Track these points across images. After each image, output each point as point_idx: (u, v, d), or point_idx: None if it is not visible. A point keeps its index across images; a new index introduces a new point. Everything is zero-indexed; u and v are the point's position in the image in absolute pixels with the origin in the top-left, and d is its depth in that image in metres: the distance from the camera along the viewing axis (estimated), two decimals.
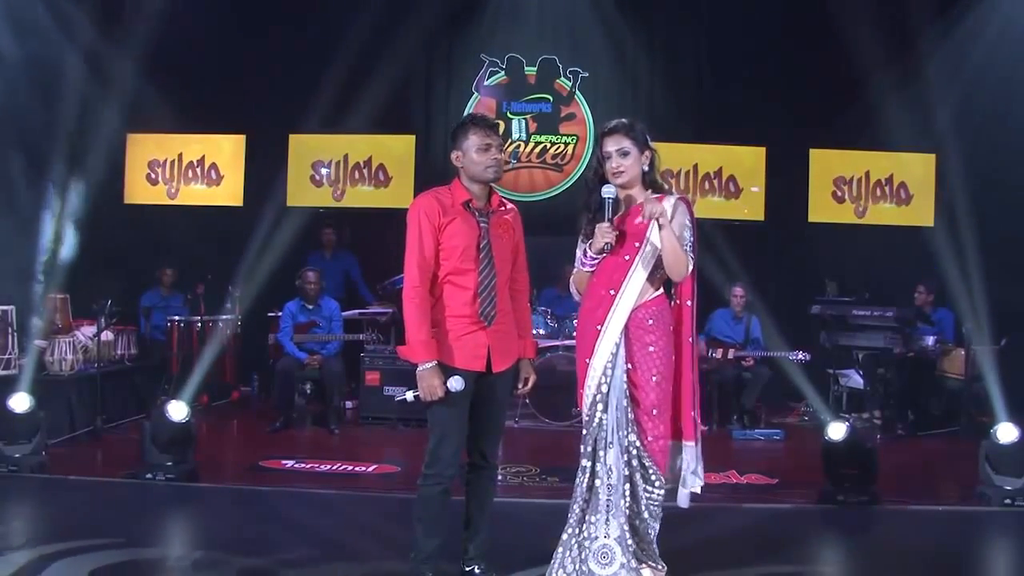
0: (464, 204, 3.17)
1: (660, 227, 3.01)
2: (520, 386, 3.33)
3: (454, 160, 3.23)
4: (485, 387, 3.20)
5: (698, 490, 3.16)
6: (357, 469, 5.51)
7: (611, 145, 3.11)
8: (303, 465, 5.56)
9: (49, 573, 3.34)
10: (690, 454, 3.12)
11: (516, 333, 3.28)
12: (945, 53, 7.83)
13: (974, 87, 7.89)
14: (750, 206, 8.70)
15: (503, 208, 3.29)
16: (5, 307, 6.17)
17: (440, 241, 3.14)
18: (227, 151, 8.82)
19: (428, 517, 3.18)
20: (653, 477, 3.05)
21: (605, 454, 3.03)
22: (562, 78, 8.83)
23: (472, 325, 3.14)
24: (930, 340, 7.22)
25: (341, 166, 8.75)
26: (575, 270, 3.25)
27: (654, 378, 3.05)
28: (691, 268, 3.08)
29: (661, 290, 3.13)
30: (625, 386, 3.05)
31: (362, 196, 8.63)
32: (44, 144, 7.29)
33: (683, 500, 3.15)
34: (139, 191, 8.81)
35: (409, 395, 3.14)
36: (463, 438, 3.19)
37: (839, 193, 8.70)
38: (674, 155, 8.30)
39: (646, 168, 3.12)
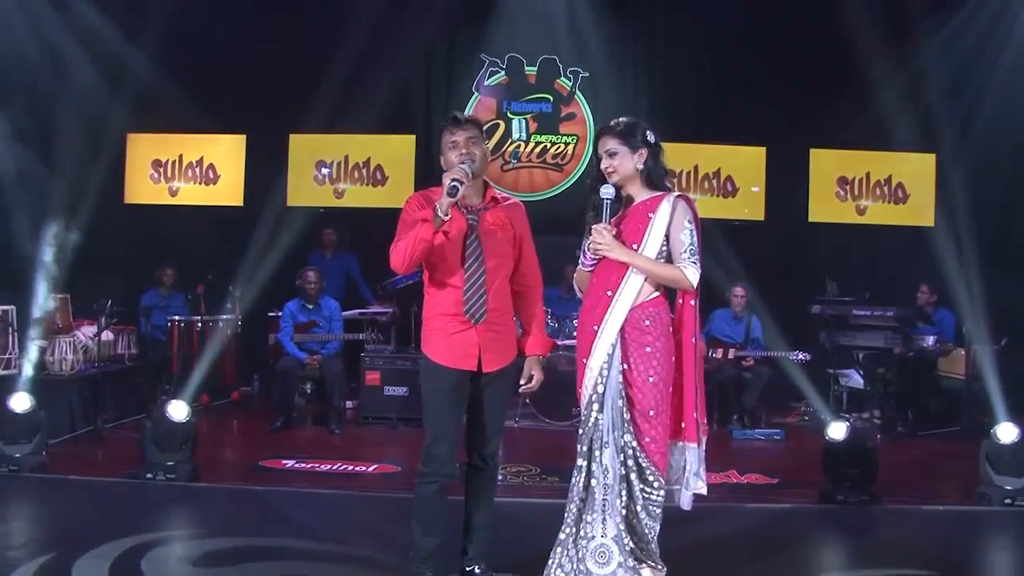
0: None
1: (632, 263, 3.04)
2: (523, 383, 3.30)
3: (441, 164, 3.22)
4: (479, 387, 3.19)
5: (703, 492, 3.15)
6: (357, 469, 5.51)
7: (600, 147, 3.14)
8: (303, 465, 5.56)
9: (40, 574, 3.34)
10: (692, 455, 3.11)
11: (514, 332, 3.25)
12: (945, 53, 7.83)
13: (974, 87, 7.91)
14: (750, 206, 8.71)
15: (498, 204, 3.25)
16: (5, 307, 6.17)
17: None
18: (227, 151, 8.82)
19: (425, 516, 3.18)
20: (651, 478, 3.04)
21: (601, 454, 3.03)
22: (562, 78, 8.84)
23: (462, 324, 3.13)
24: (930, 340, 7.22)
25: (341, 166, 8.76)
26: (577, 270, 3.25)
27: (651, 379, 3.04)
28: (697, 276, 3.05)
29: (661, 291, 3.12)
30: (621, 387, 3.04)
31: (362, 196, 8.63)
32: (45, 143, 7.29)
33: (686, 502, 3.14)
34: (140, 191, 8.82)
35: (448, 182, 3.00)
36: (458, 437, 3.18)
37: (840, 193, 8.71)
38: (674, 155, 8.19)
39: (640, 167, 3.12)
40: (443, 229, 3.06)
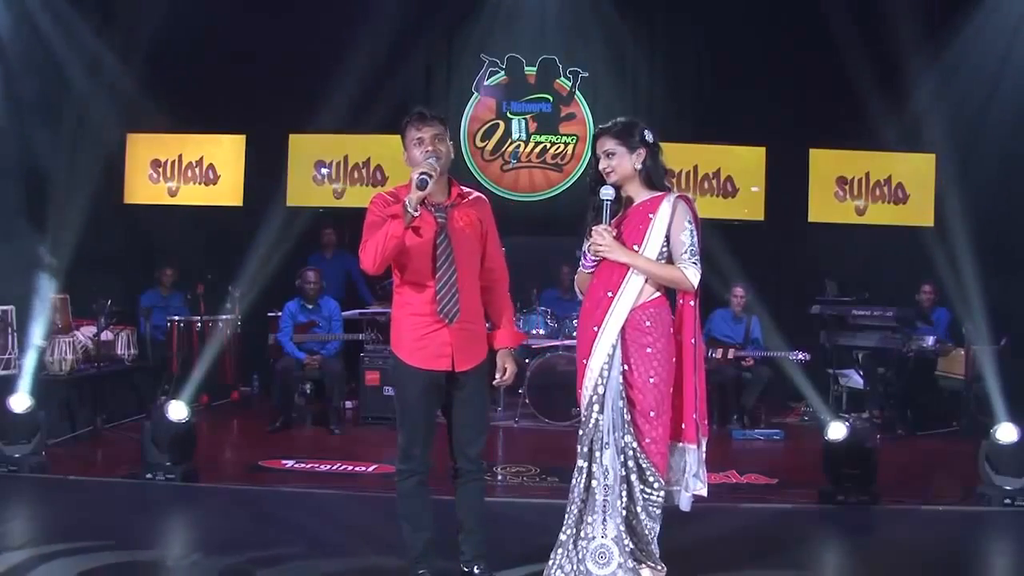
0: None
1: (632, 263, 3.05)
2: (498, 376, 3.26)
3: (405, 162, 3.19)
4: (455, 388, 3.17)
5: (703, 493, 3.15)
6: (357, 469, 5.51)
7: (599, 148, 3.13)
8: (303, 465, 5.56)
9: (39, 573, 3.34)
10: (692, 457, 3.11)
11: (484, 331, 3.23)
12: (945, 53, 7.83)
13: (974, 87, 7.90)
14: (750, 206, 8.71)
15: (464, 200, 3.21)
16: (5, 307, 6.17)
17: None
18: (227, 151, 8.82)
19: (410, 512, 3.19)
20: (651, 478, 3.04)
21: (601, 455, 3.03)
22: (562, 78, 8.83)
23: (435, 324, 3.09)
24: (930, 340, 7.22)
25: (341, 166, 8.76)
26: (578, 271, 3.24)
27: (651, 379, 3.04)
28: (698, 276, 3.05)
29: (661, 291, 3.11)
30: (621, 387, 3.04)
31: (362, 196, 8.60)
32: (45, 143, 7.29)
33: (685, 503, 3.15)
34: (139, 191, 8.81)
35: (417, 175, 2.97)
36: (432, 437, 3.18)
37: (839, 193, 8.71)
38: (674, 155, 8.20)
39: (638, 167, 3.11)
40: (413, 227, 3.02)
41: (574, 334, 4.52)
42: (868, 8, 7.50)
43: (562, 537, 3.12)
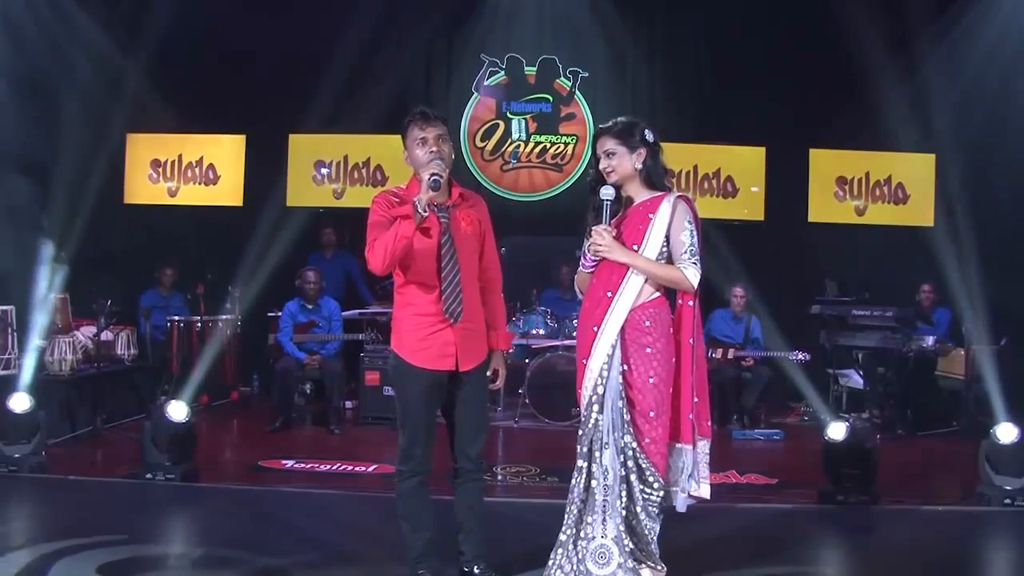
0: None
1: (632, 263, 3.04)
2: (488, 374, 3.27)
3: (405, 161, 3.18)
4: (457, 387, 3.17)
5: (704, 495, 3.14)
6: (357, 469, 5.51)
7: (599, 147, 3.13)
8: (303, 465, 5.56)
9: (55, 571, 3.34)
10: (688, 457, 3.10)
11: (484, 329, 3.24)
12: (945, 53, 7.83)
13: (974, 87, 7.89)
14: (750, 206, 8.71)
15: (465, 200, 3.22)
16: (5, 307, 6.17)
17: None
18: (227, 151, 8.82)
19: (410, 512, 3.19)
20: (651, 479, 3.04)
21: (601, 455, 3.02)
22: (562, 78, 8.83)
23: (439, 323, 3.10)
24: (930, 340, 7.22)
25: (341, 166, 8.76)
26: (578, 271, 3.24)
27: (651, 380, 3.03)
28: (698, 276, 3.05)
29: (661, 291, 3.11)
30: (621, 387, 3.04)
31: (362, 196, 8.61)
32: (45, 143, 7.29)
33: (680, 504, 3.13)
34: (139, 191, 8.81)
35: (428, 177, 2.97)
36: (432, 437, 3.18)
37: (839, 193, 8.71)
38: (674, 155, 8.20)
39: (638, 166, 3.11)
40: (421, 227, 3.02)
41: (574, 334, 4.53)
42: (868, 7, 7.50)
43: (562, 537, 3.12)
